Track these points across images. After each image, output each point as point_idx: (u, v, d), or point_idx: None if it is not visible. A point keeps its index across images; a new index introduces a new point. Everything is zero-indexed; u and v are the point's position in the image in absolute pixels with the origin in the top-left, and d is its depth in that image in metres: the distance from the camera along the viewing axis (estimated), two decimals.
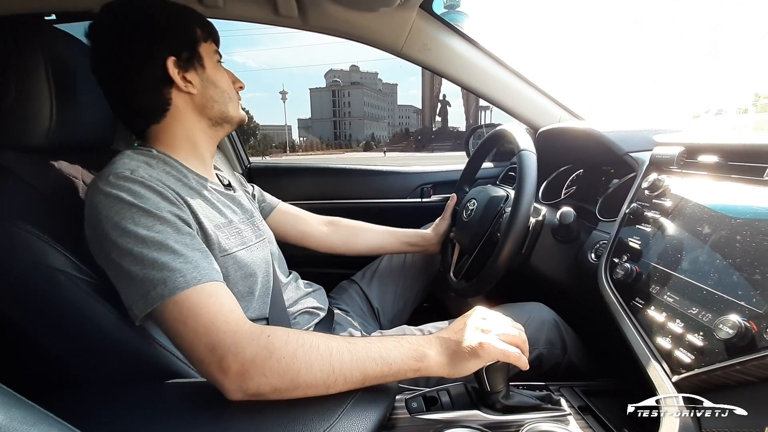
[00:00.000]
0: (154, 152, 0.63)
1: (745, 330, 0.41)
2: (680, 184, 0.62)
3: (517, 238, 0.73)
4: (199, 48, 0.66)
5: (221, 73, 0.69)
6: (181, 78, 0.64)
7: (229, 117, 0.70)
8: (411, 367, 0.51)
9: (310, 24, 1.03)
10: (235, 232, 0.65)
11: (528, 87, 1.19)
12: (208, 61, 0.67)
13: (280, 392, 0.46)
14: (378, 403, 0.49)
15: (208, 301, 0.49)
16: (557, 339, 0.78)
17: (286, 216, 0.97)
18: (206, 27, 0.68)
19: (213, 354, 0.46)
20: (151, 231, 0.51)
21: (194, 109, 0.67)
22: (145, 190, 0.53)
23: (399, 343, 0.52)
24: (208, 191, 0.65)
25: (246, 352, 0.46)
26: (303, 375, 0.46)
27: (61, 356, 0.60)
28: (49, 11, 0.92)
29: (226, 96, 0.69)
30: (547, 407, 0.56)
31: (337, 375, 0.47)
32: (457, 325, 0.56)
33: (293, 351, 0.47)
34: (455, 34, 1.10)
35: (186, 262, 0.50)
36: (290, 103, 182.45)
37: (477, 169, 1.12)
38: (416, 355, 0.51)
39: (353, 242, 1.01)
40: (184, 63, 0.64)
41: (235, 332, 0.47)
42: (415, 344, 0.52)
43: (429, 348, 0.53)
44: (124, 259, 0.50)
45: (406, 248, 1.05)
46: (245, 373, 0.45)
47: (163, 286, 0.48)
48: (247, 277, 0.65)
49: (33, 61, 0.61)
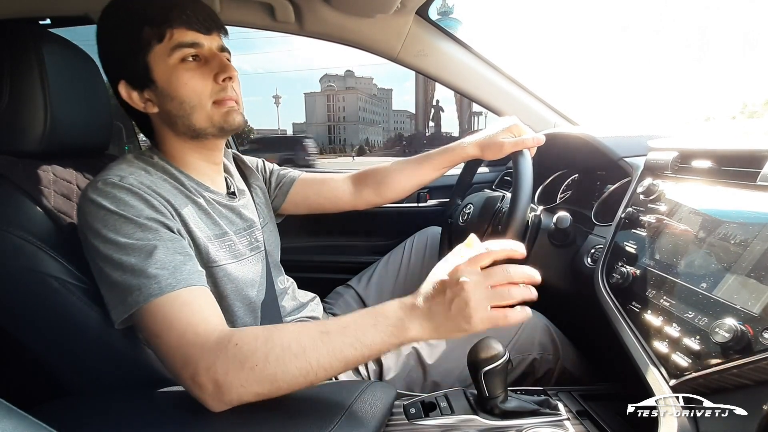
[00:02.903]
0: (155, 159, 0.63)
1: (741, 333, 0.41)
2: (675, 188, 0.62)
3: (518, 228, 0.72)
4: (147, 57, 0.57)
5: (179, 78, 0.58)
6: (140, 99, 0.60)
7: (197, 129, 0.61)
8: (392, 344, 0.48)
9: (307, 30, 1.04)
10: (227, 244, 0.64)
11: (523, 92, 1.20)
12: (159, 69, 0.58)
13: (263, 396, 0.46)
14: (375, 411, 0.48)
15: (180, 311, 0.48)
16: (549, 343, 0.78)
17: (310, 185, 0.91)
18: (158, 20, 0.56)
19: (186, 369, 0.46)
20: (131, 238, 0.51)
21: (166, 125, 0.63)
22: (130, 197, 0.53)
23: (376, 320, 0.48)
24: (206, 200, 0.64)
25: (217, 367, 0.44)
26: (280, 377, 0.45)
27: (54, 363, 0.59)
28: (43, 16, 0.91)
29: (186, 107, 0.59)
30: (545, 412, 0.56)
31: (316, 369, 0.45)
32: (437, 291, 0.48)
33: (264, 356, 0.45)
34: (451, 40, 1.11)
35: (163, 267, 0.50)
36: (285, 107, 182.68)
37: (470, 183, 1.09)
38: (396, 332, 0.47)
39: (385, 190, 0.91)
40: (137, 81, 0.59)
41: (204, 345, 0.46)
42: (393, 318, 0.48)
43: (409, 321, 0.47)
44: (106, 264, 0.51)
45: (448, 170, 0.91)
46: (222, 387, 0.44)
47: (139, 293, 0.48)
48: (238, 289, 0.64)
49: (27, 66, 0.61)
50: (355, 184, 0.93)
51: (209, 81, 0.59)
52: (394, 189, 0.91)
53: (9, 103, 0.60)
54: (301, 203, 0.91)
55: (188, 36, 0.58)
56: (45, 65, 0.61)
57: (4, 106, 0.60)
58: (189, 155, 0.65)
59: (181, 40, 0.57)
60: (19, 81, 0.60)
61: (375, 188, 0.92)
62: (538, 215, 0.87)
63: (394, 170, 0.91)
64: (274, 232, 0.84)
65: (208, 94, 0.60)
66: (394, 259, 1.10)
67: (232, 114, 0.62)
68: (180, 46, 0.57)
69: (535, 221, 0.86)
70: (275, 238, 0.83)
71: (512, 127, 0.79)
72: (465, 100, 1.34)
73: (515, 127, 0.80)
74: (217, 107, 0.61)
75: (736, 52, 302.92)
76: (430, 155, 0.89)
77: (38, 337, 0.57)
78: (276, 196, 0.90)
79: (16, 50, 0.61)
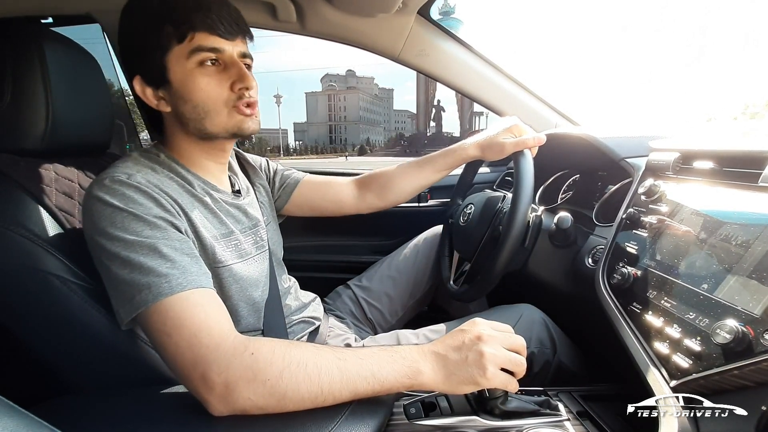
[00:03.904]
0: (162, 157, 0.63)
1: (742, 335, 0.41)
2: (676, 189, 0.62)
3: (520, 229, 0.72)
4: (165, 57, 0.56)
5: (195, 82, 0.57)
6: (154, 96, 0.59)
7: (208, 134, 0.61)
8: (403, 384, 0.48)
9: (308, 29, 1.04)
10: (233, 243, 0.64)
11: (524, 92, 1.20)
12: (176, 71, 0.57)
13: (264, 410, 0.45)
14: (376, 411, 0.48)
15: (192, 312, 0.48)
16: (546, 338, 0.79)
17: (314, 187, 0.91)
18: (181, 21, 0.55)
19: (195, 369, 0.45)
20: (139, 236, 0.50)
21: (178, 124, 0.62)
22: (138, 195, 0.53)
23: (392, 358, 0.49)
24: (212, 199, 0.64)
25: (230, 372, 0.44)
26: (289, 395, 0.45)
27: (55, 362, 0.59)
28: (45, 14, 0.91)
29: (200, 111, 0.58)
30: (545, 412, 0.56)
31: (325, 395, 0.45)
32: (455, 340, 0.50)
33: (279, 372, 0.44)
34: (452, 39, 1.11)
35: (174, 267, 0.49)
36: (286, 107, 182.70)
37: (471, 183, 1.10)
38: (410, 372, 0.48)
39: (388, 195, 0.92)
40: (152, 79, 0.58)
41: (218, 347, 0.45)
42: (409, 359, 0.49)
43: (424, 364, 0.49)
44: (113, 262, 0.50)
45: (450, 172, 0.91)
46: (230, 392, 0.44)
47: (148, 291, 0.47)
48: (242, 289, 0.64)
49: (29, 65, 0.61)
50: (358, 188, 0.94)
51: (225, 88, 0.58)
52: (396, 193, 0.92)
53: (11, 102, 0.60)
54: (304, 205, 0.91)
55: (209, 40, 0.56)
56: (47, 64, 0.61)
57: (6, 104, 0.60)
58: (197, 154, 0.65)
59: (202, 44, 0.56)
60: (21, 79, 0.60)
61: (378, 192, 0.93)
62: (539, 215, 0.87)
63: (397, 174, 0.91)
64: (277, 231, 0.84)
65: (223, 101, 0.59)
66: (396, 260, 1.09)
67: (246, 122, 0.61)
68: (200, 50, 0.56)
69: (536, 221, 0.86)
70: (278, 237, 0.83)
71: (513, 128, 0.79)
72: (466, 100, 1.34)
73: (516, 127, 0.80)
74: (232, 114, 0.60)
75: (737, 53, 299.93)
76: (432, 158, 0.90)
77: (39, 335, 0.57)
78: (279, 197, 0.89)
79: (19, 49, 0.61)
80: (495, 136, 0.80)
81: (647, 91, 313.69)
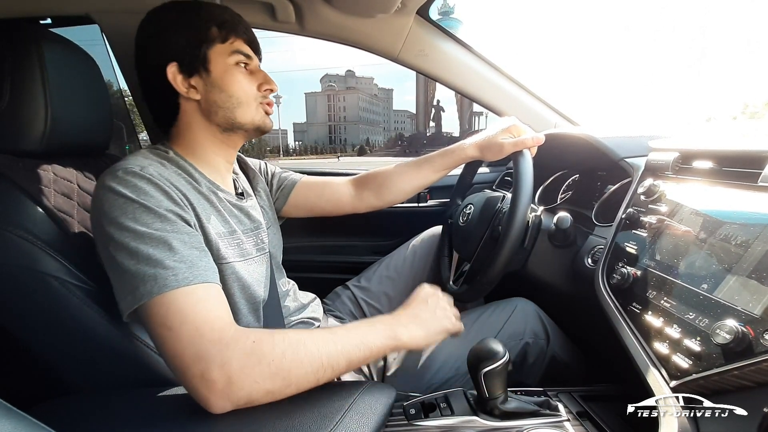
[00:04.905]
0: (170, 153, 0.63)
1: (742, 335, 0.41)
2: (675, 189, 0.62)
3: (519, 229, 0.72)
4: (209, 50, 0.63)
5: (234, 76, 0.65)
6: (184, 84, 0.63)
7: (237, 123, 0.66)
8: (389, 346, 0.56)
9: (307, 29, 1.04)
10: (236, 242, 0.65)
11: (523, 92, 1.20)
12: (217, 63, 0.64)
13: (272, 394, 0.46)
14: (375, 411, 0.48)
15: (196, 307, 0.48)
16: (541, 329, 0.83)
17: (312, 188, 0.92)
18: (227, 26, 0.64)
19: (197, 365, 0.45)
20: (150, 228, 0.50)
21: (201, 114, 0.65)
22: (150, 187, 0.53)
23: (373, 327, 0.56)
24: (218, 198, 0.65)
25: (232, 363, 0.45)
26: (294, 372, 0.47)
27: (54, 363, 0.59)
28: (44, 15, 0.91)
29: (233, 101, 0.65)
30: (545, 413, 0.56)
31: (326, 367, 0.49)
32: (419, 301, 0.65)
33: (281, 352, 0.47)
34: (451, 40, 1.11)
35: (181, 260, 0.50)
36: (286, 107, 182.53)
37: (470, 183, 1.09)
38: (391, 334, 0.56)
39: (386, 194, 0.93)
40: (187, 67, 0.63)
41: (220, 339, 0.46)
42: (387, 324, 0.58)
43: (398, 327, 0.58)
44: (119, 253, 0.50)
45: (449, 172, 0.92)
46: (233, 383, 0.44)
47: (153, 282, 0.47)
48: (243, 289, 0.64)
49: (28, 65, 0.61)
50: (356, 187, 0.94)
51: (254, 87, 0.67)
52: (394, 192, 0.92)
53: (10, 103, 0.60)
54: (302, 206, 0.91)
55: (245, 48, 0.67)
56: (46, 65, 0.61)
57: (5, 105, 0.60)
58: (209, 150, 0.67)
59: (240, 48, 0.66)
60: (19, 80, 0.60)
61: (376, 192, 0.93)
62: (538, 215, 0.87)
63: (395, 173, 0.92)
64: (278, 235, 0.84)
65: (253, 96, 0.67)
66: (395, 260, 1.09)
67: (268, 119, 0.70)
68: (238, 52, 0.65)
69: (536, 221, 0.86)
70: (278, 241, 0.83)
71: (511, 128, 0.80)
72: (465, 100, 1.34)
73: (514, 127, 0.80)
74: (258, 109, 0.68)
75: (737, 53, 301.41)
76: (431, 158, 0.90)
77: (38, 337, 0.57)
78: (277, 199, 0.90)
79: (17, 50, 0.61)
80: (494, 136, 0.80)
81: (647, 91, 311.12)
